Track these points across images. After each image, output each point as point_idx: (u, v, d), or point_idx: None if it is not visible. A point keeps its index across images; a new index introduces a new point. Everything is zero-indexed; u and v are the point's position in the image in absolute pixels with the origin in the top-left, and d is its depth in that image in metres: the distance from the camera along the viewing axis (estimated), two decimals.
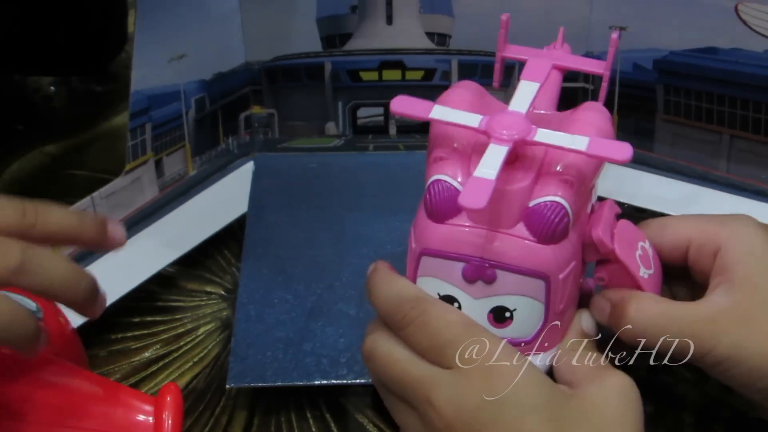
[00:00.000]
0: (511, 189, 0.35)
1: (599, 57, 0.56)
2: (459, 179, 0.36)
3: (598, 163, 0.36)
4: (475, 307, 0.36)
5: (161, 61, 0.52)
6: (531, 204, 0.35)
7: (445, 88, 0.58)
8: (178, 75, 0.54)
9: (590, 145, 0.34)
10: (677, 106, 0.55)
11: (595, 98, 0.58)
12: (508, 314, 0.36)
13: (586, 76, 0.58)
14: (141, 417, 0.36)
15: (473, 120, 0.35)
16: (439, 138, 0.37)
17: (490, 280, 0.35)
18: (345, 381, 0.46)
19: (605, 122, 0.37)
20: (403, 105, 0.36)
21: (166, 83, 0.53)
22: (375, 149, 0.61)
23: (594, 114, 0.38)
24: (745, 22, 0.50)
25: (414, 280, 0.38)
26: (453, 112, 0.36)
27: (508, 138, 0.34)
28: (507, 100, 0.38)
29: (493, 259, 0.35)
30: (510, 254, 0.35)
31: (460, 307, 0.36)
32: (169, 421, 0.35)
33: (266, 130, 0.61)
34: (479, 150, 0.35)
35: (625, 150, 0.34)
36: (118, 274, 0.50)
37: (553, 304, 0.36)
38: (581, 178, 0.35)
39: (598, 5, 0.55)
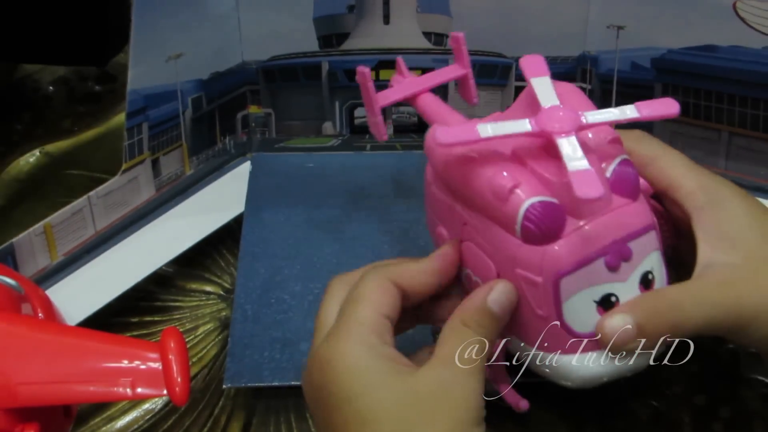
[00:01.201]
0: None
1: (596, 57, 0.57)
2: (546, 193, 0.35)
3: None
4: (629, 288, 0.35)
5: (158, 61, 0.52)
6: (608, 174, 0.35)
7: (442, 88, 0.59)
8: (174, 74, 0.53)
9: (641, 110, 0.35)
10: None
11: (592, 98, 0.58)
12: (650, 276, 0.36)
13: (583, 76, 0.58)
14: (147, 365, 0.36)
15: (524, 125, 0.35)
16: (477, 157, 0.36)
17: (628, 257, 0.35)
18: None
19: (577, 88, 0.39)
20: (450, 136, 0.34)
21: (162, 83, 0.53)
22: (372, 149, 0.61)
23: (568, 85, 0.38)
24: (743, 19, 0.50)
25: (557, 311, 0.35)
26: (501, 124, 0.35)
27: (569, 128, 0.34)
28: (503, 102, 0.38)
29: (620, 236, 0.35)
30: (629, 222, 0.35)
31: (617, 301, 0.35)
32: (176, 366, 0.35)
33: (263, 129, 0.61)
34: (532, 155, 0.35)
35: (672, 105, 0.35)
36: (115, 273, 0.51)
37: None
38: (617, 134, 0.37)
39: (596, 4, 0.55)
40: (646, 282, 0.36)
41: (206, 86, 0.56)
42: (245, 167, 0.60)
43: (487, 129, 0.34)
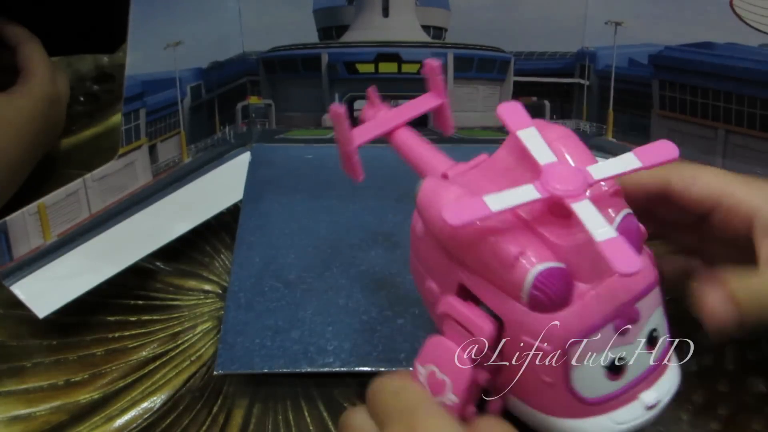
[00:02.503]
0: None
1: (594, 53, 0.56)
2: (552, 257, 0.33)
3: None
4: (635, 348, 0.35)
5: (157, 47, 0.52)
6: (614, 227, 0.33)
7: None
8: (173, 62, 0.54)
9: (642, 159, 0.34)
10: (673, 102, 0.55)
11: (590, 94, 0.58)
12: (655, 334, 0.35)
13: (582, 72, 0.58)
14: None
15: (532, 193, 0.33)
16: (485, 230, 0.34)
17: (636, 319, 0.34)
18: (331, 369, 0.45)
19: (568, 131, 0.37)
20: (459, 215, 0.33)
21: (161, 69, 0.53)
22: (371, 142, 0.61)
23: (557, 129, 0.36)
24: (740, 17, 0.50)
25: (565, 378, 0.34)
26: (508, 195, 0.33)
27: (579, 190, 0.33)
28: (501, 96, 0.38)
29: (628, 298, 0.34)
30: (636, 282, 0.34)
31: (625, 364, 0.35)
32: None
33: (263, 120, 0.61)
34: (534, 214, 0.34)
35: (671, 149, 0.34)
36: (108, 255, 0.51)
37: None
38: (618, 186, 0.36)
39: (594, 1, 0.55)
40: (651, 340, 0.35)
41: (206, 75, 0.57)
42: (245, 157, 0.60)
43: (496, 202, 0.33)
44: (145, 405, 0.46)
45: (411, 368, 0.37)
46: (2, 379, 0.48)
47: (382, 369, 0.45)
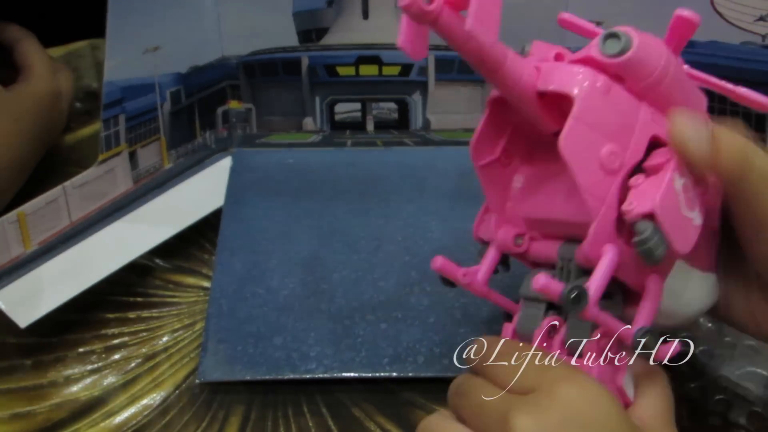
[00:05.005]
0: None
1: (573, 53, 0.56)
2: None
3: None
4: None
5: (135, 52, 0.52)
6: None
7: (422, 84, 0.59)
8: (152, 67, 0.53)
9: None
10: None
11: None
12: None
13: None
14: None
15: None
16: None
17: None
18: (314, 375, 0.45)
19: None
20: None
21: (140, 75, 0.53)
22: (353, 145, 0.61)
23: None
24: (720, 15, 0.50)
25: None
26: None
27: None
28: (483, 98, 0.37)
29: None
30: None
31: None
32: None
33: (244, 125, 0.61)
34: None
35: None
36: (89, 264, 0.50)
37: None
38: None
39: (575, 0, 0.54)
40: None
41: (185, 80, 0.56)
42: (226, 162, 0.59)
43: None
44: (144, 402, 0.46)
45: None
46: (2, 376, 0.48)
47: (366, 374, 0.46)
